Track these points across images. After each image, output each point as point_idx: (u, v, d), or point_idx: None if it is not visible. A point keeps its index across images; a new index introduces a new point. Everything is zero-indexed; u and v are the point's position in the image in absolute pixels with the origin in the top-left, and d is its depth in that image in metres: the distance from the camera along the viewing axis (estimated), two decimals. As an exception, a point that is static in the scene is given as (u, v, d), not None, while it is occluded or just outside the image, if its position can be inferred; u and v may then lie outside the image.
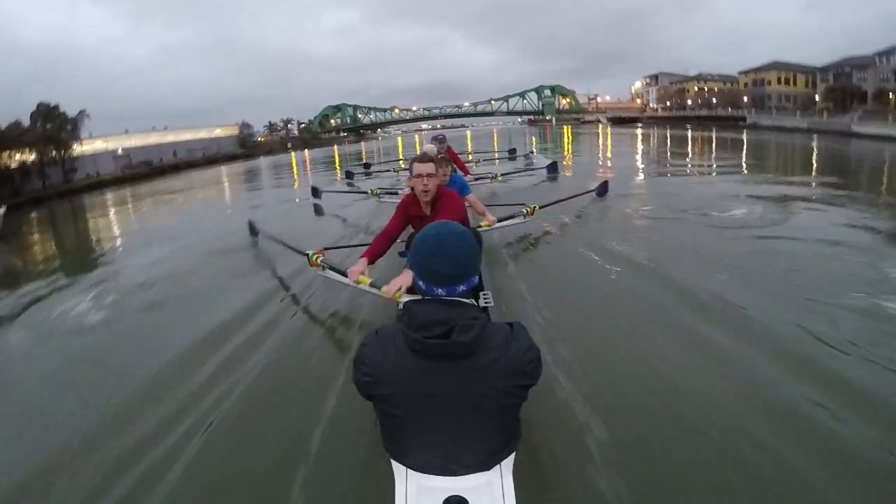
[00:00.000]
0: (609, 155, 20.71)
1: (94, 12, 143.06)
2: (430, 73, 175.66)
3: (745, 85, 60.17)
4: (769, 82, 56.47)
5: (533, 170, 12.24)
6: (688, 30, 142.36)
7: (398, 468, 1.47)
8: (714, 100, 58.79)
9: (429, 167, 3.21)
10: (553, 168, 11.89)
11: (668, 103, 69.34)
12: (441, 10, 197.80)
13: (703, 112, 57.53)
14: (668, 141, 27.92)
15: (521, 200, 6.25)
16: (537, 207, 5.71)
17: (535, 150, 19.15)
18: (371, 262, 3.41)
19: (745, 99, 52.07)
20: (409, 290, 2.86)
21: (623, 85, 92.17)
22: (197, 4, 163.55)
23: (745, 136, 29.61)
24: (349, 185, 13.35)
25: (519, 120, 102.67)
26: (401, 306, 2.62)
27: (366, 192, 9.54)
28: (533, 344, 1.44)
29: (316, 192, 10.97)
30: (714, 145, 23.45)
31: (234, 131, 66.59)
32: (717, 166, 14.17)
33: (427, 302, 1.43)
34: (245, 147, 63.59)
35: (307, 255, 4.12)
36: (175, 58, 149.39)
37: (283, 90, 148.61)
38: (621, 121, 69.49)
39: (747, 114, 45.04)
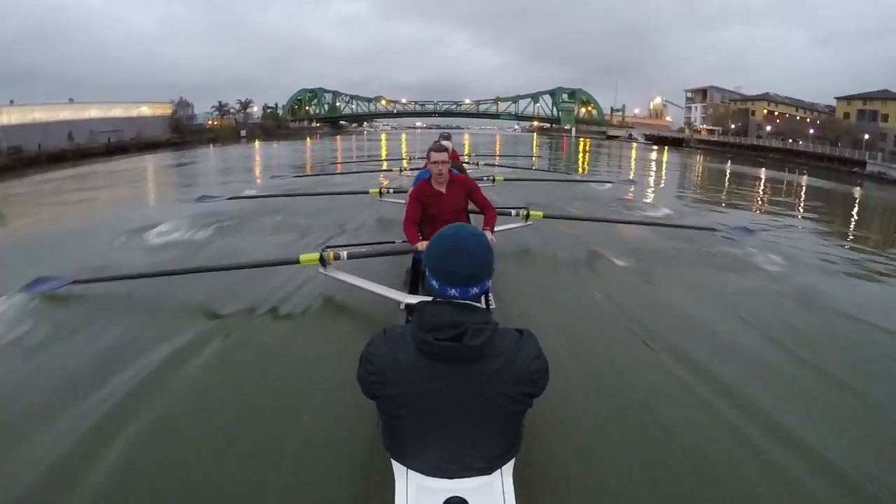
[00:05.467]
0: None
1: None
2: (433, 70, 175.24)
3: (847, 115, 49.02)
4: (885, 117, 44.97)
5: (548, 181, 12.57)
6: (696, 52, 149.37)
7: (398, 468, 1.49)
8: (812, 131, 47.12)
9: (443, 155, 3.76)
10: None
11: (732, 125, 57.50)
12: (449, 8, 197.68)
13: (772, 143, 46.24)
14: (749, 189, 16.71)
15: (530, 208, 5.80)
16: (541, 215, 5.64)
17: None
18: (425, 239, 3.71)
19: (867, 136, 40.06)
20: (418, 292, 3.67)
21: (624, 100, 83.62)
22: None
23: (857, 192, 20.90)
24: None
25: (517, 126, 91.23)
26: (402, 307, 3.45)
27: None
28: (541, 353, 1.46)
29: (204, 200, 8.98)
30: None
31: (166, 111, 53.11)
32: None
33: (439, 304, 1.43)
34: (179, 132, 50.21)
35: (320, 252, 4.09)
36: (178, 32, 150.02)
37: (283, 76, 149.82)
38: (661, 141, 58.01)
39: (868, 158, 33.44)
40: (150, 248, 6.32)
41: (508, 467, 1.50)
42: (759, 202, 13.81)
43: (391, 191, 7.68)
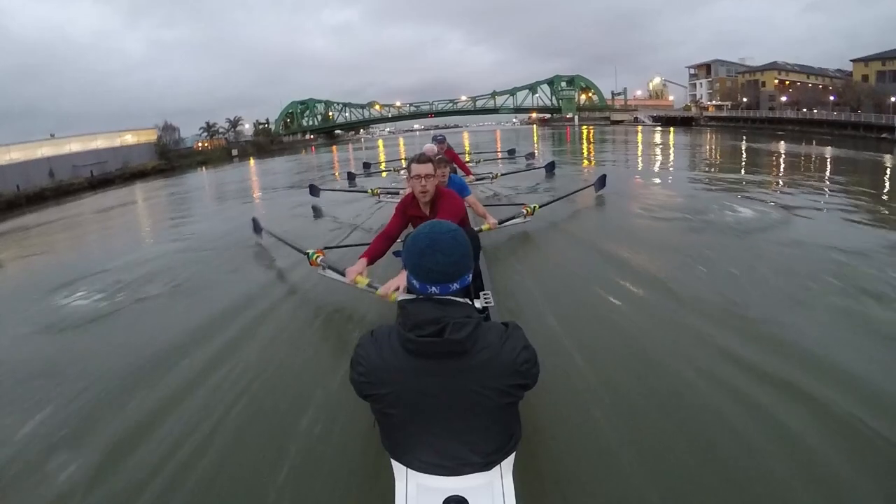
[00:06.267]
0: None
1: (89, 7, 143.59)
2: (430, 72, 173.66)
3: (865, 78, 46.10)
4: (909, 76, 42.09)
5: (533, 169, 12.44)
6: (687, 30, 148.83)
7: (398, 467, 1.49)
8: (832, 98, 44.29)
9: (427, 168, 3.22)
10: (551, 167, 11.94)
11: (744, 99, 54.69)
12: (441, 10, 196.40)
13: (787, 113, 43.66)
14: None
15: (521, 200, 6.79)
16: (537, 207, 5.97)
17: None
18: (370, 262, 3.48)
19: (893, 99, 37.22)
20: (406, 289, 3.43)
21: (622, 85, 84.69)
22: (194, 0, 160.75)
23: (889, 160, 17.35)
24: (350, 184, 12.55)
25: (515, 119, 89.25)
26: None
27: (366, 192, 9.60)
28: (528, 344, 1.46)
29: (314, 191, 10.58)
30: None
31: (152, 137, 51.79)
32: None
33: (420, 301, 1.45)
34: (166, 157, 48.84)
35: (307, 253, 4.25)
36: (170, 56, 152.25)
37: (279, 91, 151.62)
38: (670, 122, 55.68)
39: (899, 122, 30.99)
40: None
41: (508, 464, 1.49)
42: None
43: (382, 190, 7.95)
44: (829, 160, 17.31)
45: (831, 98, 44.56)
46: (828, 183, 10.98)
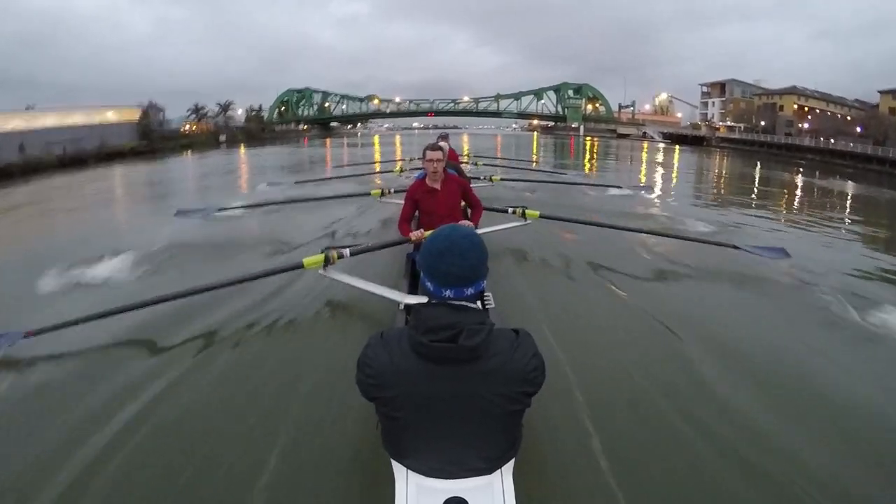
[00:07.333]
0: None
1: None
2: (433, 71, 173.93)
3: (892, 111, 44.70)
4: (939, 112, 40.66)
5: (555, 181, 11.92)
6: (694, 48, 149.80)
7: (398, 469, 1.50)
8: (859, 129, 42.53)
9: (438, 154, 4.01)
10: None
11: (761, 122, 53.09)
12: (449, 9, 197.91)
13: (805, 141, 42.00)
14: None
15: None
16: (537, 215, 5.44)
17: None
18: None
19: None
20: (417, 292, 3.63)
21: (625, 98, 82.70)
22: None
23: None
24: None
25: (514, 125, 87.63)
26: (402, 307, 3.39)
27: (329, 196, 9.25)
28: (537, 352, 1.48)
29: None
30: None
31: (135, 115, 49.01)
32: None
33: (434, 306, 1.45)
34: (149, 139, 46.19)
35: (325, 253, 4.02)
36: (175, 35, 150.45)
37: (282, 78, 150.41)
38: (681, 140, 54.10)
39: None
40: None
41: (508, 467, 1.50)
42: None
43: (392, 191, 7.74)
44: None
45: (857, 129, 42.85)
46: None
